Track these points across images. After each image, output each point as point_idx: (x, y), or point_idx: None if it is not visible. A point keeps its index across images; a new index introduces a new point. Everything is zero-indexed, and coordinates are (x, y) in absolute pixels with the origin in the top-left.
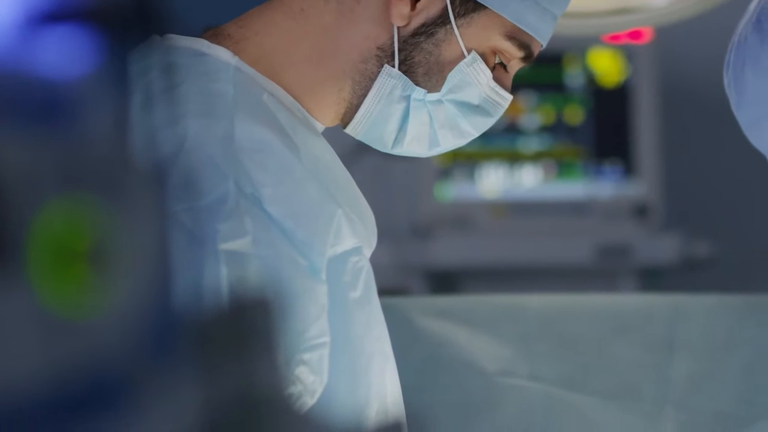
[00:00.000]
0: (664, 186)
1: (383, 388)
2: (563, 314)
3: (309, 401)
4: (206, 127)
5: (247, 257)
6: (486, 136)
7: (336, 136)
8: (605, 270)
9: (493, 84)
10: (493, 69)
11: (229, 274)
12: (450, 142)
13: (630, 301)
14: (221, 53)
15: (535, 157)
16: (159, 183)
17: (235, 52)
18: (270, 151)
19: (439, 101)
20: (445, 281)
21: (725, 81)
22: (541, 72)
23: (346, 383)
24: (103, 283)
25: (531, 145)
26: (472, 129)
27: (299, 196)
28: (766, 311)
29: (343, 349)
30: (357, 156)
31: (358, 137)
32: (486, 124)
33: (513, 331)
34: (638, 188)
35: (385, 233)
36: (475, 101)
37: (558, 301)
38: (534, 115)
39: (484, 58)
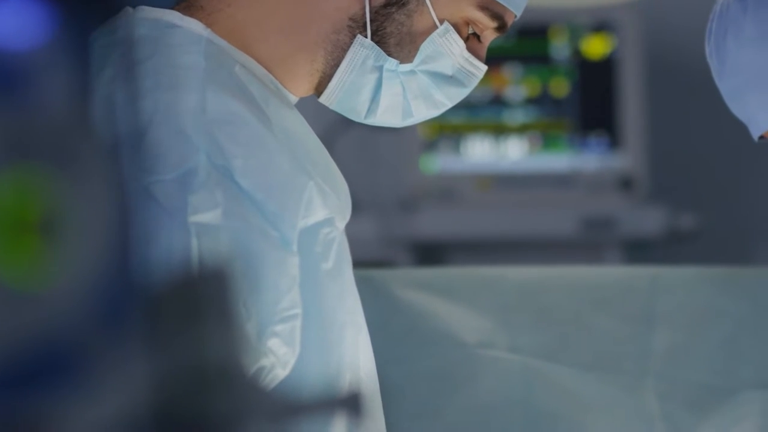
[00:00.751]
0: (650, 158)
1: (356, 359)
2: (543, 286)
3: (281, 373)
4: (177, 100)
5: (217, 229)
6: (471, 109)
7: (319, 109)
8: (590, 242)
9: (467, 54)
10: (466, 40)
11: (200, 246)
12: (423, 113)
13: (610, 274)
14: (193, 25)
15: (521, 129)
16: (122, 155)
17: (208, 24)
18: (241, 123)
19: (412, 72)
20: (430, 253)
21: (707, 50)
22: (526, 44)
23: (318, 354)
24: (56, 254)
25: (516, 117)
26: (445, 100)
27: (271, 168)
28: (746, 283)
29: (315, 320)
30: (342, 129)
31: (332, 107)
32: (460, 94)
33: (493, 302)
34: (623, 160)
35: (370, 206)
36: (449, 72)
37: (538, 273)
38: (519, 87)
39: (457, 28)
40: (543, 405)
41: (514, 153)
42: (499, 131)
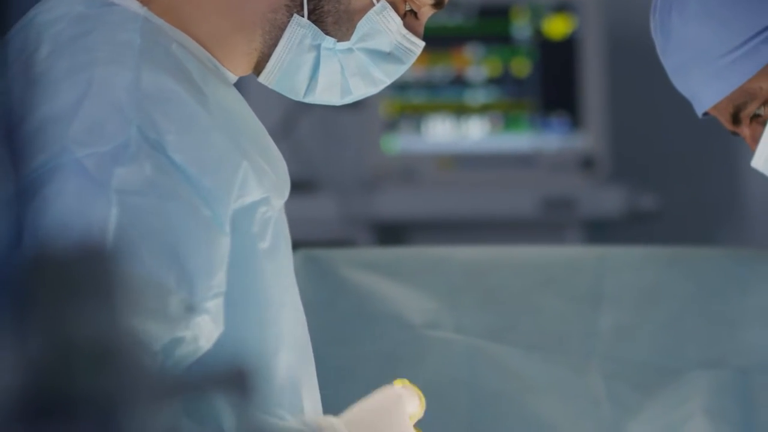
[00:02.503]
0: (611, 138)
1: (292, 338)
2: (490, 266)
3: (205, 346)
4: (112, 75)
5: (143, 202)
6: (433, 89)
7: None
8: (551, 222)
9: (404, 31)
10: (403, 17)
11: (120, 218)
12: (362, 90)
13: (557, 253)
14: (130, 4)
15: (482, 110)
16: (55, 128)
17: (144, 3)
18: (176, 100)
19: (350, 50)
20: (391, 233)
21: (651, 26)
22: (488, 24)
23: (255, 333)
24: None
25: (478, 97)
26: (383, 76)
27: (205, 146)
28: (693, 263)
29: (253, 299)
30: (304, 109)
31: (271, 86)
32: (398, 71)
33: (439, 283)
34: (584, 140)
35: (331, 185)
36: (386, 49)
37: (485, 253)
38: (481, 68)
39: (394, 6)
40: (488, 385)
41: (475, 133)
42: (461, 111)
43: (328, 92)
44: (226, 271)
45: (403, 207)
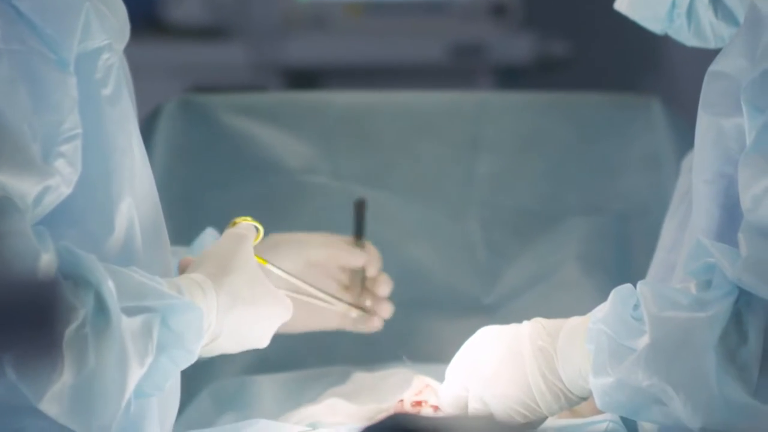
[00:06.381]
0: None
1: (132, 183)
2: (367, 112)
3: (65, 191)
4: None
5: None
6: None
7: None
8: (461, 69)
9: None
10: None
11: None
12: None
13: (436, 99)
14: None
15: None
16: None
17: None
18: None
19: None
20: (302, 80)
21: None
22: None
23: (99, 179)
24: None
25: None
26: None
27: None
28: (574, 109)
29: (96, 145)
30: None
31: None
32: None
33: (316, 128)
34: None
35: (242, 32)
36: None
37: (362, 98)
38: None
39: None
40: (366, 231)
41: None
42: None
43: None
44: (77, 111)
45: (313, 53)
